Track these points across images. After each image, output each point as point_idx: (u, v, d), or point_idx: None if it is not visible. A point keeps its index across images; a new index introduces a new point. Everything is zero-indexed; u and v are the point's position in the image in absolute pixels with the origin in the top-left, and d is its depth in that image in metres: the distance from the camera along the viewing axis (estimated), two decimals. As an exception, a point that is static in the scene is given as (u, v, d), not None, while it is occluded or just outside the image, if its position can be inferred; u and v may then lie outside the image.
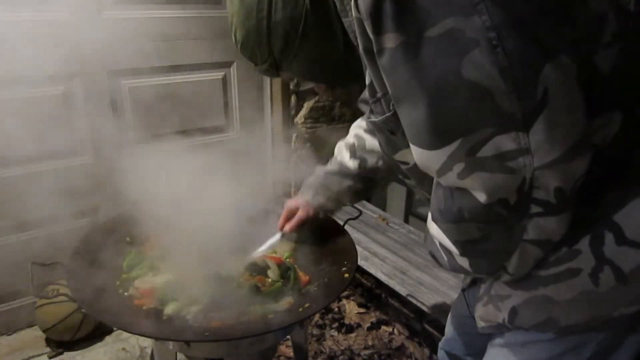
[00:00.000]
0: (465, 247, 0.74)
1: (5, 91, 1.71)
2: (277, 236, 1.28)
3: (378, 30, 0.62)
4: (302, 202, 1.23)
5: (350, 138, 1.21)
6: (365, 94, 1.19)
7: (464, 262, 0.76)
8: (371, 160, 1.17)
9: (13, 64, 1.69)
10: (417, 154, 0.68)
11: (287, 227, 1.25)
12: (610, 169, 0.70)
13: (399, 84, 0.64)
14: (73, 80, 1.84)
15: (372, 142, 1.15)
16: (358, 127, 1.20)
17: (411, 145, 0.69)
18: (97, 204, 2.00)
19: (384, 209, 2.56)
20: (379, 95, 0.75)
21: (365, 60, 0.71)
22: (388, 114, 0.75)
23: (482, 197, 0.65)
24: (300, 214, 1.23)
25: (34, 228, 1.88)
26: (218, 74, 2.17)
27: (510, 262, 0.74)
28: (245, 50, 0.91)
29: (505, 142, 0.61)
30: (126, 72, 1.95)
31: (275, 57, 0.87)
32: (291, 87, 2.27)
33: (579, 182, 0.66)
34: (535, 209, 0.66)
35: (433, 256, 0.85)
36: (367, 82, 0.77)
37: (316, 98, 2.36)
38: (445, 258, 0.80)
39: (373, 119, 0.80)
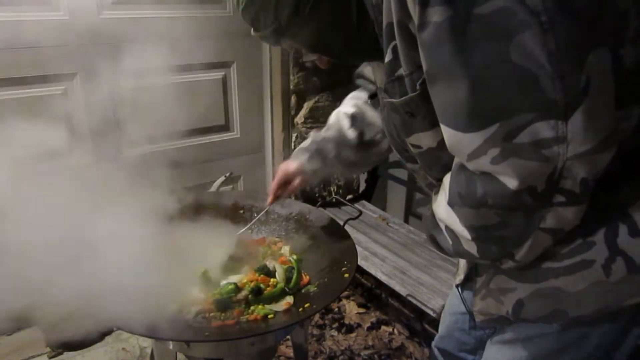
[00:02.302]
0: (479, 232, 0.73)
1: (7, 91, 1.71)
2: (266, 208, 1.26)
3: (424, 1, 0.60)
4: (298, 167, 1.18)
5: (349, 108, 1.17)
6: (362, 68, 1.14)
7: (471, 247, 0.76)
8: (370, 133, 1.14)
9: (13, 64, 1.69)
10: (449, 135, 0.67)
11: (285, 195, 1.23)
12: (627, 162, 0.70)
13: (440, 61, 0.63)
14: (73, 80, 1.84)
15: (372, 114, 1.13)
16: (357, 99, 1.17)
17: (442, 126, 0.67)
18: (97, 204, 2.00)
19: (384, 209, 2.56)
20: (401, 73, 0.73)
21: (397, 35, 0.69)
22: (412, 95, 0.73)
23: (512, 184, 0.64)
24: (300, 182, 1.19)
25: (35, 228, 1.87)
26: (218, 74, 2.17)
27: (520, 249, 0.73)
28: (248, 12, 0.83)
29: (544, 129, 0.60)
30: (126, 72, 1.95)
31: (281, 22, 0.81)
32: (291, 86, 2.27)
33: (599, 173, 0.67)
34: (558, 198, 0.66)
35: (434, 240, 0.83)
36: (386, 59, 0.75)
37: (316, 98, 2.36)
38: (450, 242, 0.79)
39: (390, 99, 0.78)
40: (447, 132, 0.67)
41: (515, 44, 0.57)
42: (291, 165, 1.19)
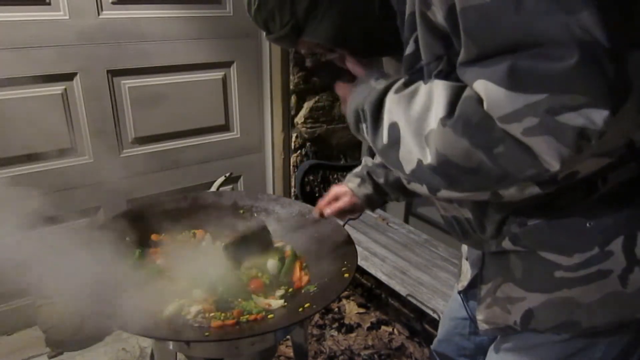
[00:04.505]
0: (445, 165, 0.66)
1: (6, 91, 1.71)
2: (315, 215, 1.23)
3: None
4: (348, 191, 1.19)
5: None
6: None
7: (410, 163, 0.70)
8: None
9: (13, 64, 1.69)
10: (487, 89, 0.59)
11: (328, 210, 1.20)
12: None
13: (491, 39, 0.58)
14: (73, 80, 1.84)
15: None
16: None
17: (482, 82, 0.60)
18: (97, 204, 2.00)
19: (384, 209, 2.56)
20: (422, 64, 0.70)
21: (418, 25, 0.67)
22: None
23: (553, 166, 0.58)
24: (345, 200, 1.18)
25: (35, 228, 1.87)
26: (218, 74, 2.17)
27: (462, 193, 0.69)
28: (263, 12, 0.79)
29: (597, 118, 0.54)
30: (126, 72, 1.95)
31: (298, 18, 0.78)
32: (291, 86, 2.27)
33: (586, 174, 0.65)
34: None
35: (358, 118, 0.77)
36: (407, 51, 0.72)
37: (316, 98, 2.36)
38: (385, 140, 0.72)
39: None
40: (485, 86, 0.59)
41: (575, 21, 0.53)
42: (342, 187, 1.20)
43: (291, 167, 2.42)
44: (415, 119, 0.67)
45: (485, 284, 0.88)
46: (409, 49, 0.72)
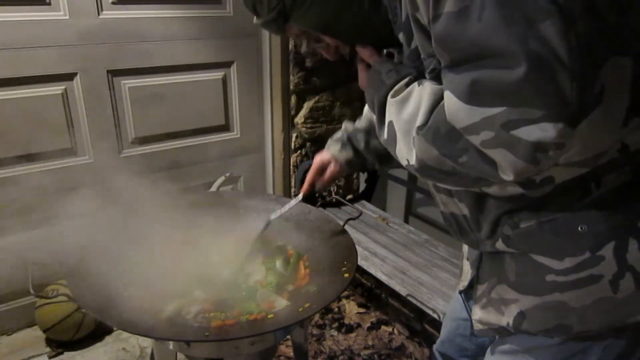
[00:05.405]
0: (425, 169, 0.71)
1: (6, 91, 1.71)
2: (300, 196, 1.23)
3: None
4: (330, 157, 1.18)
5: None
6: None
7: (403, 158, 0.75)
8: None
9: (13, 64, 1.69)
10: (449, 102, 0.62)
11: (320, 184, 1.20)
12: (639, 175, 0.69)
13: (456, 48, 0.59)
14: (73, 80, 1.84)
15: None
16: None
17: (446, 93, 0.63)
18: (97, 204, 2.00)
19: (384, 209, 2.56)
20: (422, 57, 0.72)
21: (412, 26, 0.69)
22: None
23: (507, 176, 0.61)
24: (332, 169, 1.18)
25: (34, 228, 1.87)
26: (218, 74, 2.17)
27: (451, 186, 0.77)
28: None
29: (550, 131, 0.55)
30: (126, 72, 1.95)
31: (285, 3, 0.78)
32: (291, 86, 2.27)
33: (568, 178, 0.67)
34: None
35: (372, 105, 0.80)
36: (413, 45, 0.73)
37: (316, 98, 2.36)
38: (385, 135, 0.77)
39: None
40: (448, 98, 0.62)
41: (534, 32, 0.53)
42: (325, 155, 1.20)
43: (291, 167, 2.42)
44: (405, 121, 0.72)
45: (482, 284, 0.88)
46: (413, 44, 0.73)
